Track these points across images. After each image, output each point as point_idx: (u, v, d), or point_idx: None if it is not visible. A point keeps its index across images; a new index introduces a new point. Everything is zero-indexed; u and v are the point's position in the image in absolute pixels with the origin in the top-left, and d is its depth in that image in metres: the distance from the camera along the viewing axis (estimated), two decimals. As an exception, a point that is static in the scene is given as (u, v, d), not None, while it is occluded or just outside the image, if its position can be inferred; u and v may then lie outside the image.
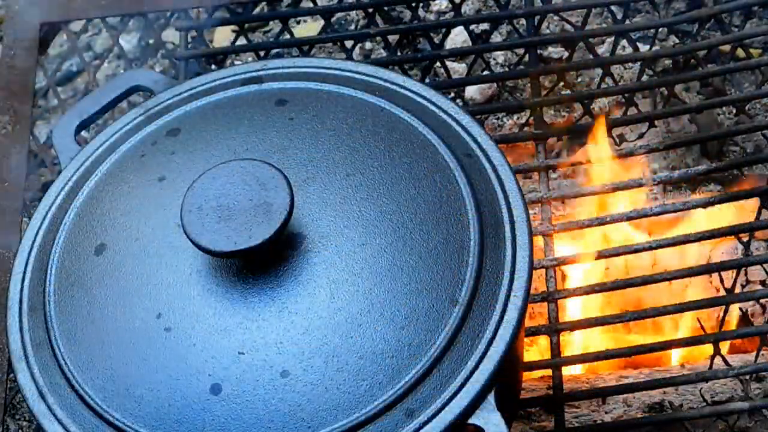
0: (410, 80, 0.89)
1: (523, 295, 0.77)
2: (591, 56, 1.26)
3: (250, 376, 0.73)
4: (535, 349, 1.16)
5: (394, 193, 0.80)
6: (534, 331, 1.05)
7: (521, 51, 1.32)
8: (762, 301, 1.18)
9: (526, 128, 1.24)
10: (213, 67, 1.34)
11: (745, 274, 1.20)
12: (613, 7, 1.29)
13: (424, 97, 0.88)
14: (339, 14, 1.48)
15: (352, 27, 1.52)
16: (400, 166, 0.82)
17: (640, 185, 1.15)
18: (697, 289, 1.19)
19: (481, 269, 0.77)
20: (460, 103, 1.37)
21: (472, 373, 0.73)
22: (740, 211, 1.21)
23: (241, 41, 1.32)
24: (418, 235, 0.78)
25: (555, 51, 1.44)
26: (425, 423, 0.72)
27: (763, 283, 1.20)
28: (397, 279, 0.76)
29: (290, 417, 0.72)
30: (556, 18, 1.42)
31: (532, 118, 1.22)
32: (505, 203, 0.82)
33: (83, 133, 1.02)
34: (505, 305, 0.76)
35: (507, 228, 0.80)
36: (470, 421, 0.73)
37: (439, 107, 0.87)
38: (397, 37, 1.31)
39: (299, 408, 0.72)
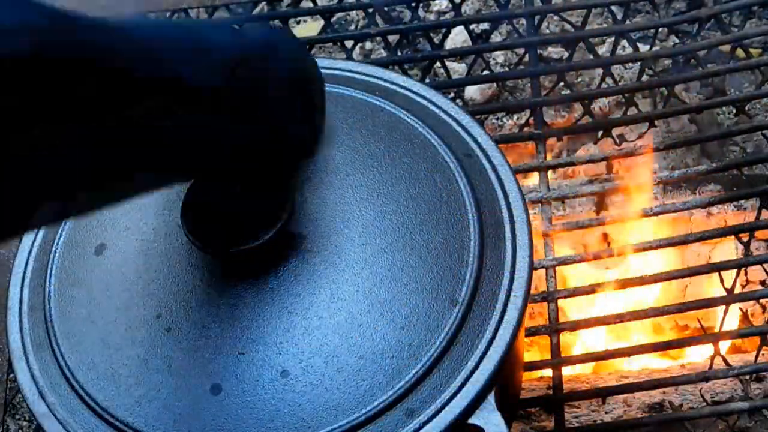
0: (410, 80, 0.89)
1: (523, 295, 0.77)
2: (591, 56, 1.26)
3: (249, 376, 0.73)
4: (535, 349, 1.16)
5: (394, 193, 0.80)
6: (534, 331, 1.05)
7: (521, 51, 1.32)
8: (762, 301, 1.18)
9: (526, 128, 1.24)
10: (213, 67, 1.34)
11: (746, 274, 1.20)
12: (613, 7, 1.29)
13: (424, 97, 0.88)
14: (339, 14, 1.48)
15: (352, 27, 1.52)
16: (400, 166, 0.82)
17: (640, 185, 1.15)
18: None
19: (481, 269, 0.77)
20: (460, 103, 1.37)
21: (472, 373, 0.73)
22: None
23: (241, 41, 1.32)
24: (418, 235, 0.78)
25: (555, 51, 1.44)
26: (425, 423, 0.72)
27: (763, 283, 1.20)
28: (397, 279, 0.76)
29: (290, 417, 0.72)
30: (556, 18, 1.42)
31: (532, 118, 1.22)
32: (505, 203, 0.82)
33: (83, 133, 1.02)
34: (505, 305, 0.76)
35: (507, 228, 0.80)
36: (470, 421, 0.73)
37: (439, 107, 0.87)
38: (397, 37, 1.31)
39: (299, 408, 0.72)
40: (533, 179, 1.25)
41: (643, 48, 1.31)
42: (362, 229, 0.78)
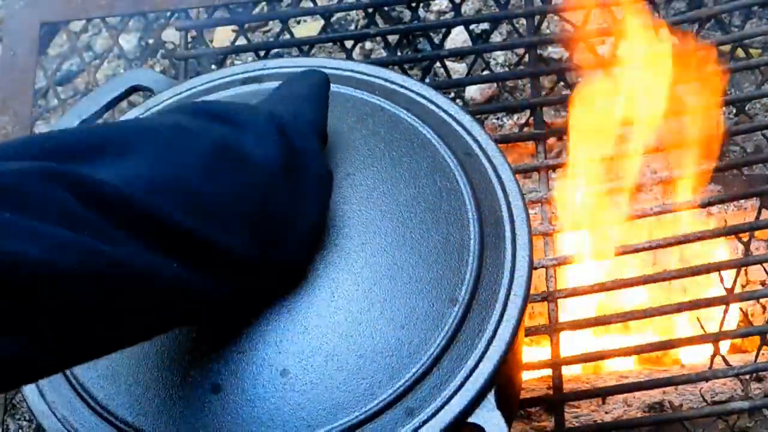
0: (410, 80, 0.89)
1: (522, 295, 0.77)
2: (591, 56, 1.26)
3: (249, 375, 0.73)
4: (535, 349, 1.16)
5: (394, 193, 0.80)
6: (534, 331, 1.05)
7: (521, 51, 1.32)
8: (762, 301, 1.18)
9: (526, 128, 1.24)
10: (213, 67, 1.34)
11: (746, 274, 1.20)
12: (613, 7, 1.29)
13: (424, 97, 0.88)
14: (339, 14, 1.48)
15: (352, 27, 1.52)
16: (400, 165, 0.82)
17: (640, 185, 1.15)
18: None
19: (481, 268, 0.77)
20: (460, 103, 1.37)
21: (471, 372, 0.73)
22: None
23: (241, 41, 1.32)
24: (417, 235, 0.78)
25: (555, 51, 1.44)
26: (425, 422, 0.72)
27: (763, 283, 1.20)
28: (397, 278, 0.76)
29: (290, 416, 0.72)
30: (556, 18, 1.42)
31: (532, 118, 1.22)
32: (505, 202, 0.82)
33: (83, 132, 1.02)
34: (505, 305, 0.76)
35: (507, 227, 0.80)
36: (470, 420, 0.73)
37: (438, 107, 0.87)
38: (397, 37, 1.31)
39: (299, 407, 0.72)
40: (533, 179, 1.24)
41: (643, 48, 1.31)
42: (362, 228, 0.79)
